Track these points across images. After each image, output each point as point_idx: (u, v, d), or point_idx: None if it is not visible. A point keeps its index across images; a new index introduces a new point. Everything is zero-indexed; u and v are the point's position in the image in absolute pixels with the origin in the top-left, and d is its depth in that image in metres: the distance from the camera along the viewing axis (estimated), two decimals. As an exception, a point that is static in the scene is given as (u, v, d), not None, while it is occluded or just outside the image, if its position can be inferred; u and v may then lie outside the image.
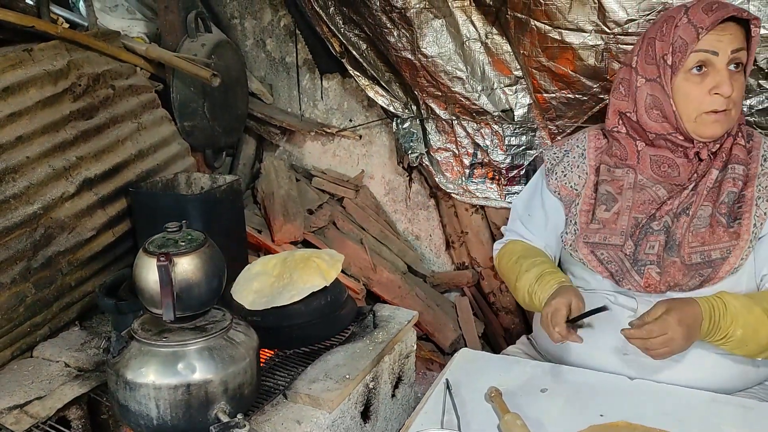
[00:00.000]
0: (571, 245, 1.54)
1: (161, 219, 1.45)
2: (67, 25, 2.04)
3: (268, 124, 2.63)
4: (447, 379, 1.51)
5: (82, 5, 2.32)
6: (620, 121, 1.54)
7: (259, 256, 2.37)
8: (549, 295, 1.43)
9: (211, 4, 2.63)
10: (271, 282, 1.71)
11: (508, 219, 2.39)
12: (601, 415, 1.37)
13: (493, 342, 2.44)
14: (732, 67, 1.40)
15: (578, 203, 1.56)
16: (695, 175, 1.47)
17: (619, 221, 1.49)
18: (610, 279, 1.49)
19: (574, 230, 1.55)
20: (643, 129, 1.49)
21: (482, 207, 2.42)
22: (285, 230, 2.35)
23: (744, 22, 1.40)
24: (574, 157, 1.60)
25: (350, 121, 2.61)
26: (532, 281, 1.51)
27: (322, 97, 2.62)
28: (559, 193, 1.60)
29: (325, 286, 1.64)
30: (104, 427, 1.55)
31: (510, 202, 2.32)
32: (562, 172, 1.60)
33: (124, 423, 1.30)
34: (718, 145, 1.45)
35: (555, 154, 1.64)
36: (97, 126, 1.85)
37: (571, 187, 1.58)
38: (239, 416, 1.22)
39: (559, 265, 1.71)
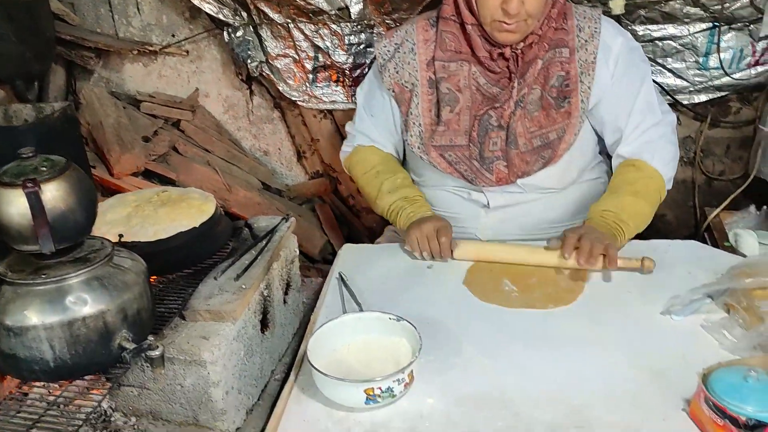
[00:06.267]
0: (419, 148, 1.56)
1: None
2: None
3: (80, 47, 2.34)
4: (340, 273, 1.53)
5: None
6: (456, 9, 1.51)
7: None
8: (425, 215, 1.55)
9: None
10: (127, 212, 1.59)
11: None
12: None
13: (358, 243, 2.49)
14: None
15: (417, 102, 1.55)
16: (510, 70, 1.49)
17: (461, 121, 1.52)
18: (461, 179, 1.56)
19: (419, 132, 1.56)
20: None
21: (330, 111, 2.40)
22: (124, 161, 2.15)
23: None
24: (405, 53, 1.57)
25: (173, 36, 2.41)
26: (402, 200, 1.60)
27: (138, 12, 2.38)
28: (393, 90, 1.59)
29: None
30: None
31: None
32: (395, 68, 1.58)
33: (11, 375, 1.16)
34: (522, 44, 1.46)
35: (386, 48, 1.60)
36: None
37: (403, 83, 1.57)
38: (150, 338, 1.15)
39: (403, 162, 1.77)
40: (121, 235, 1.42)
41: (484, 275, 1.45)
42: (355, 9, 2.14)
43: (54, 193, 1.13)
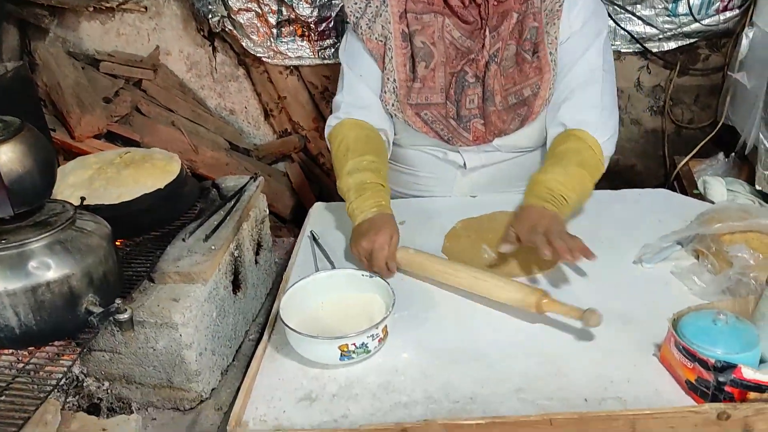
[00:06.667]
0: (393, 105, 1.51)
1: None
2: None
3: (32, 4, 2.24)
4: (312, 232, 1.51)
5: None
6: None
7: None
8: (366, 218, 1.34)
9: None
10: (89, 175, 1.54)
11: (326, 78, 2.38)
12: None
13: (329, 201, 2.47)
14: None
15: (391, 56, 1.49)
16: (482, 20, 1.44)
17: (437, 78, 1.47)
18: (437, 138, 1.51)
19: (393, 88, 1.50)
20: None
21: (296, 68, 2.34)
22: (85, 123, 2.09)
23: None
24: (376, 6, 1.51)
25: (130, -8, 2.32)
26: (352, 189, 1.39)
27: (92, -33, 2.29)
28: (366, 45, 1.52)
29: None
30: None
31: (324, 59, 2.29)
32: (367, 24, 1.51)
33: (-25, 344, 1.13)
34: None
35: (357, 5, 1.53)
36: None
37: (376, 39, 1.50)
38: (118, 301, 1.13)
39: None
40: (83, 198, 1.38)
41: (463, 242, 1.41)
42: (318, -41, 2.08)
43: (9, 155, 1.09)
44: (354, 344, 1.06)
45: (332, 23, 2.21)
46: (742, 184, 1.82)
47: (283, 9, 2.17)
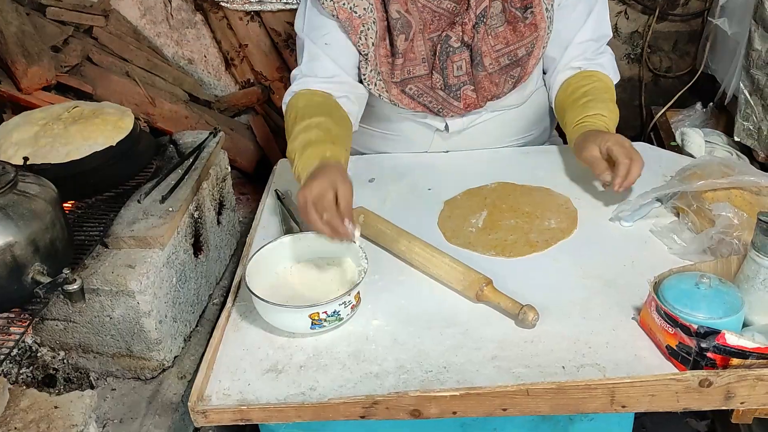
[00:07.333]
0: (376, 85, 1.38)
1: None
2: None
3: (-33, -57, 2.06)
4: (276, 190, 1.44)
5: None
6: None
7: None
8: (309, 173, 1.16)
9: None
10: (34, 131, 1.44)
11: (289, 24, 2.25)
12: (429, 189, 1.42)
13: (296, 155, 2.38)
14: None
15: (375, 30, 1.34)
16: None
17: (416, 48, 1.36)
18: (426, 111, 1.42)
19: (375, 65, 1.37)
20: None
21: (258, 13, 2.21)
22: (32, 74, 1.95)
23: None
24: None
25: (75, -70, 2.15)
26: (296, 150, 1.24)
27: None
28: (337, 17, 1.33)
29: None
30: None
31: (287, 3, 2.16)
32: None
33: None
34: None
35: None
36: None
37: (351, 8, 1.33)
38: (65, 271, 1.05)
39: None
40: (26, 158, 1.28)
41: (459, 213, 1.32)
42: None
43: (-65, 114, 0.98)
44: (326, 312, 1.01)
45: (296, -35, 2.08)
46: (719, 135, 1.78)
47: (242, -51, 2.04)
